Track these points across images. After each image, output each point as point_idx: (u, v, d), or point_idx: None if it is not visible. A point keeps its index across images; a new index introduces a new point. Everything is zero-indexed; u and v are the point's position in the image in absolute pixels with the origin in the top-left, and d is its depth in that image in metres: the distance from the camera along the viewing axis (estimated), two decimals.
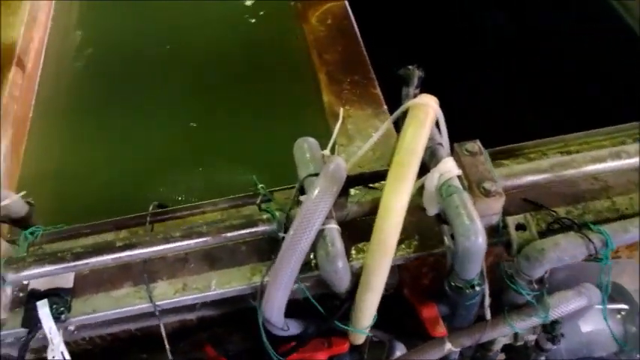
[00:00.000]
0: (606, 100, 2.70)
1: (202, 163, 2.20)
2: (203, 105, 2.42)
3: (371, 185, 1.60)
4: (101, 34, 2.86)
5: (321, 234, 1.33)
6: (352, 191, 1.58)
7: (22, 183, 2.21)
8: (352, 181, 1.53)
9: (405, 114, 1.38)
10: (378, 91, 1.94)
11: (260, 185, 1.56)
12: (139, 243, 1.42)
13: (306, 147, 1.48)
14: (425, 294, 1.65)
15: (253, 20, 2.76)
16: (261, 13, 2.77)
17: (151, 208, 1.62)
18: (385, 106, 1.88)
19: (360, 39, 2.15)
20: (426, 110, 1.34)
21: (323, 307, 1.47)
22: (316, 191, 1.32)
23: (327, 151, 1.55)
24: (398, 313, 1.67)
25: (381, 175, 1.61)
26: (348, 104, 1.90)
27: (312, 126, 2.03)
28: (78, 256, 1.42)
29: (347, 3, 2.33)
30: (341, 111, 1.79)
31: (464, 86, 2.67)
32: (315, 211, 1.30)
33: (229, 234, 1.43)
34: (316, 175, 1.42)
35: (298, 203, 1.49)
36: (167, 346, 1.54)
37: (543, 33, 3.06)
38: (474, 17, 3.19)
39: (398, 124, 1.50)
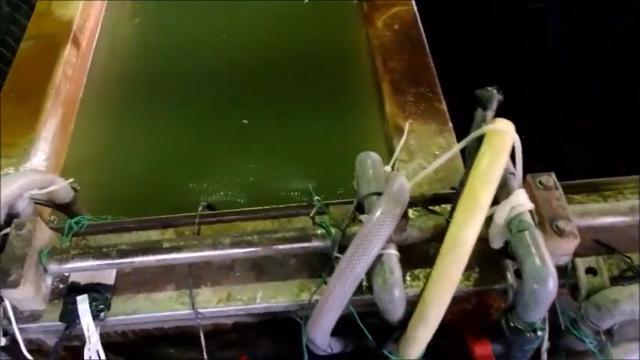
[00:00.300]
0: None
1: (252, 161, 2.16)
2: (256, 103, 2.37)
3: (431, 208, 1.54)
4: (156, 22, 2.83)
5: (379, 259, 1.27)
6: (410, 212, 1.52)
7: (68, 164, 2.21)
8: (412, 202, 1.47)
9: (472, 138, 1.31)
10: (444, 106, 1.86)
11: (316, 197, 1.51)
12: (187, 246, 1.39)
13: (369, 163, 1.42)
14: (468, 320, 1.58)
15: (314, 17, 2.70)
16: (323, 10, 2.72)
17: (199, 208, 1.58)
18: (450, 124, 1.80)
19: (427, 48, 2.07)
20: (503, 138, 1.26)
21: (365, 324, 1.41)
22: (378, 212, 1.27)
23: (389, 168, 1.49)
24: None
25: (442, 198, 1.54)
26: (412, 117, 1.83)
27: (372, 136, 1.98)
28: (123, 254, 1.40)
29: (415, 8, 2.25)
30: (406, 126, 1.72)
31: (539, 112, 2.55)
32: (376, 234, 1.24)
33: (280, 246, 1.38)
34: (378, 194, 1.36)
35: (355, 220, 1.44)
36: (204, 353, 1.50)
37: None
38: (550, 31, 3.03)
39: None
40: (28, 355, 1.44)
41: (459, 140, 1.76)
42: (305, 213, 1.55)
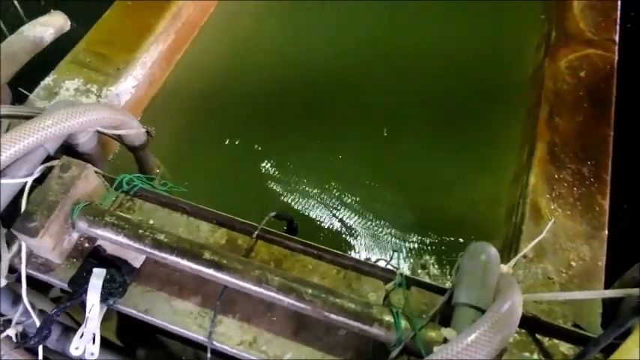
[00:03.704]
0: None
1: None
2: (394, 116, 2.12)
3: (538, 336, 1.19)
4: None
5: None
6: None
7: (161, 94, 2.04)
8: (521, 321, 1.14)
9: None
10: (607, 203, 1.44)
11: (399, 271, 1.20)
12: (228, 268, 1.15)
13: (482, 260, 1.09)
14: None
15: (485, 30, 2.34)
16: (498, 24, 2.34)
17: (265, 219, 1.33)
18: (606, 231, 1.39)
19: (612, 115, 1.63)
20: None
21: None
22: (470, 339, 0.96)
23: (505, 267, 1.15)
24: None
25: (558, 332, 1.19)
26: (558, 203, 1.44)
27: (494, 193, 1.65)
28: (158, 245, 1.19)
29: (616, 57, 1.78)
30: (549, 224, 1.34)
31: None
32: None
33: (334, 316, 1.11)
34: (479, 309, 1.04)
35: (434, 319, 1.14)
36: None
37: None
38: None
39: None
40: (27, 305, 1.29)
41: (609, 253, 1.39)
42: (380, 277, 1.26)
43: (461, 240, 1.67)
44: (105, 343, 1.62)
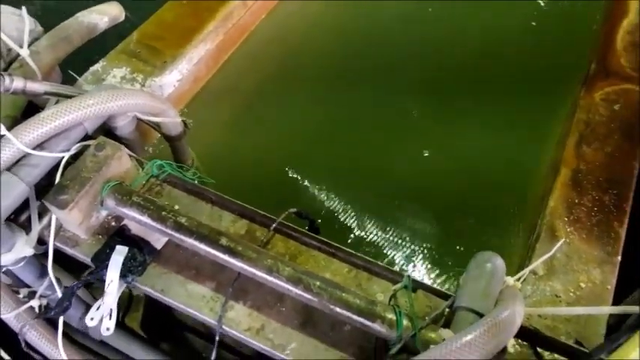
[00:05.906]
0: None
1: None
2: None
3: (539, 350, 1.23)
4: None
5: None
6: (512, 342, 1.24)
7: (205, 92, 2.16)
8: (522, 331, 1.18)
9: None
10: (623, 231, 1.47)
11: (407, 273, 1.27)
12: (242, 255, 1.23)
13: (487, 269, 1.15)
14: None
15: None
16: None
17: (284, 214, 1.42)
18: (619, 257, 1.42)
19: None
20: None
21: None
22: (464, 340, 1.01)
23: (511, 280, 1.20)
24: None
25: (560, 348, 1.23)
26: (575, 227, 1.48)
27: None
28: (178, 228, 1.28)
29: None
30: (559, 242, 1.38)
31: None
32: None
33: (338, 309, 1.18)
34: (478, 314, 1.10)
35: (436, 321, 1.19)
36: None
37: None
38: None
39: None
40: (52, 277, 1.39)
41: (620, 279, 1.42)
42: (390, 279, 1.32)
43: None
44: (130, 333, 1.74)
